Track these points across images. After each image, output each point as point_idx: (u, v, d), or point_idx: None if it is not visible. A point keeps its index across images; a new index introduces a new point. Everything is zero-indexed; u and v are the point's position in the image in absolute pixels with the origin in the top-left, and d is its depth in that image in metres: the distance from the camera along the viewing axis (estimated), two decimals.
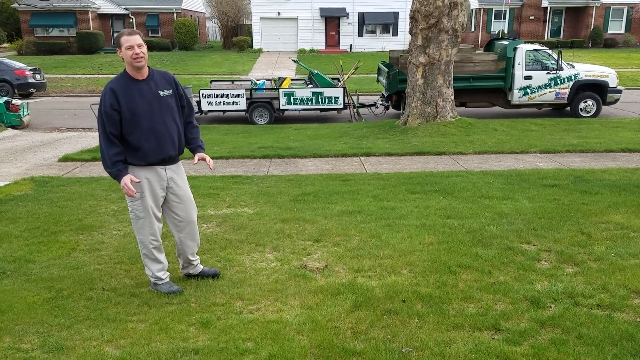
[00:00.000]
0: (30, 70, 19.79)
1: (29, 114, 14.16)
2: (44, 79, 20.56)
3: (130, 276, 4.48)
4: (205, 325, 3.65)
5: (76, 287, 4.27)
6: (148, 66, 3.92)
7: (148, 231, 4.02)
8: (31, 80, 19.61)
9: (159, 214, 4.08)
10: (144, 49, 3.81)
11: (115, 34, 37.58)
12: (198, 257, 4.42)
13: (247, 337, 3.50)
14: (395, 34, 37.93)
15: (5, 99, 13.85)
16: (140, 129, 3.83)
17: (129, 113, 3.79)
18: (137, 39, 3.78)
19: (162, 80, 3.97)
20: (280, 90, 13.90)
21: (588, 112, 13.71)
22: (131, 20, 38.68)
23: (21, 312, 3.86)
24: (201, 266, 4.44)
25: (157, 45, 36.19)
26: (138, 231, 4.06)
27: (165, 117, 3.92)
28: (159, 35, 39.33)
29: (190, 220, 4.20)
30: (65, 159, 9.54)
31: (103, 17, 38.37)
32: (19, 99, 16.21)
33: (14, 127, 13.34)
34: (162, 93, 3.92)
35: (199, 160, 4.15)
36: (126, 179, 3.79)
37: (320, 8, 37.10)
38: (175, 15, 39.13)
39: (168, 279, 4.21)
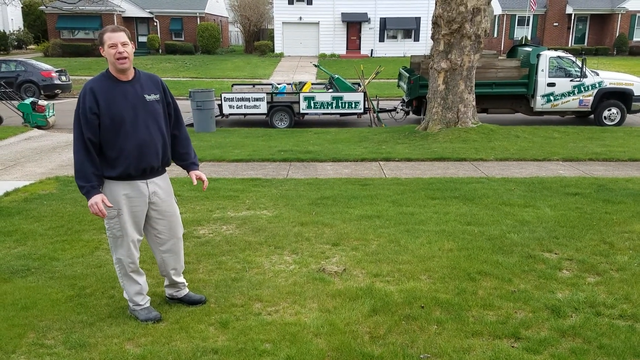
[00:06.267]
0: (56, 71, 20.21)
1: (54, 115, 14.42)
2: (69, 81, 20.96)
3: (152, 275, 4.52)
4: (224, 325, 3.68)
5: (99, 285, 4.35)
6: (134, 67, 3.56)
7: (125, 252, 3.64)
8: (57, 82, 20.03)
9: (138, 236, 3.68)
10: (129, 48, 3.42)
11: (140, 38, 38.54)
12: (185, 281, 4.06)
13: (265, 338, 3.52)
14: (416, 39, 37.80)
15: (31, 99, 14.15)
16: (120, 135, 3.44)
17: (109, 117, 3.41)
18: (122, 37, 3.40)
19: (149, 84, 3.59)
20: (301, 95, 13.96)
21: (612, 121, 13.52)
22: (155, 23, 39.21)
23: (45, 309, 3.94)
24: (187, 290, 4.07)
25: (180, 49, 36.66)
26: (115, 250, 3.67)
27: (150, 123, 3.52)
28: (182, 39, 39.77)
29: (173, 236, 3.81)
30: None
31: (128, 21, 38.92)
32: (44, 99, 16.51)
33: (39, 128, 13.61)
34: (147, 97, 3.53)
35: (197, 179, 3.79)
36: (97, 198, 3.41)
37: (341, 13, 37.17)
38: (198, 19, 39.55)
39: (147, 304, 3.84)
